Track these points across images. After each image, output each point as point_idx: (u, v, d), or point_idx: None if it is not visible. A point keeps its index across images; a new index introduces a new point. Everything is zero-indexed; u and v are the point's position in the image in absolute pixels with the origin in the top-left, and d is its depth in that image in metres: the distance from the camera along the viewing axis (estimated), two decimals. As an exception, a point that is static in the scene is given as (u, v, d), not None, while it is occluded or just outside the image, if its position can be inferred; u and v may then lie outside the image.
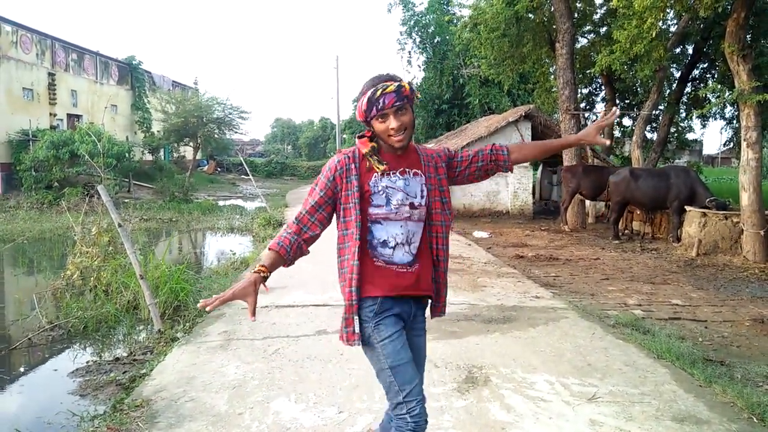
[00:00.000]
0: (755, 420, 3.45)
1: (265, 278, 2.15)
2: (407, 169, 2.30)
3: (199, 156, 29.47)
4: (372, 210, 2.25)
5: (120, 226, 5.84)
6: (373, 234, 2.25)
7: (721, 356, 4.79)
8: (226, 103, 25.51)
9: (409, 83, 2.23)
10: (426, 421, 2.19)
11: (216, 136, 26.10)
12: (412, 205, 2.27)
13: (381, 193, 2.24)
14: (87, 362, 4.97)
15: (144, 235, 12.32)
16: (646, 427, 3.34)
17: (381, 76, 2.23)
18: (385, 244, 2.25)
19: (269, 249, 2.20)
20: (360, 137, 2.31)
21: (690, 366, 4.31)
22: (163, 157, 32.31)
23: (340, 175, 2.25)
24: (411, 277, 2.28)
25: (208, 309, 2.04)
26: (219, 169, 40.59)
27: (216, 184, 32.96)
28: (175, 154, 33.77)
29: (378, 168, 2.22)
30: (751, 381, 4.18)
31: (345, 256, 2.28)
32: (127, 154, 21.93)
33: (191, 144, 26.03)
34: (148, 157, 30.08)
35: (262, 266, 2.15)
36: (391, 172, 2.27)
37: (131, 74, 33.13)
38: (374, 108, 2.17)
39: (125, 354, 5.14)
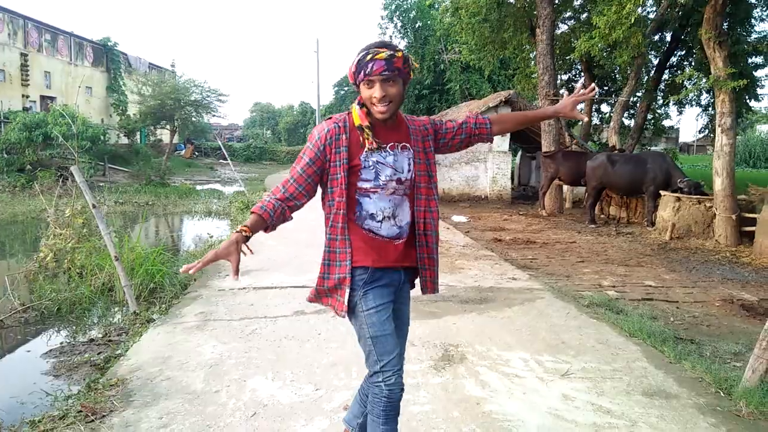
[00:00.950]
0: (722, 394, 3.55)
1: (247, 238, 2.12)
2: (396, 143, 2.26)
3: (176, 140, 29.01)
4: (360, 184, 2.22)
5: (94, 207, 5.75)
6: (362, 206, 2.23)
7: (692, 335, 4.90)
8: (203, 85, 25.14)
9: (406, 56, 2.16)
10: (401, 390, 2.22)
11: (193, 119, 25.73)
12: (399, 181, 2.25)
13: (371, 168, 2.21)
14: (61, 343, 4.91)
15: (119, 219, 12.16)
16: (617, 402, 3.42)
17: (378, 42, 2.18)
18: (373, 217, 2.23)
19: (252, 212, 2.17)
20: (361, 106, 2.23)
21: (661, 344, 4.41)
22: (139, 140, 31.83)
23: (330, 144, 2.20)
24: (398, 249, 2.28)
25: (191, 272, 2.03)
26: (196, 154, 40.07)
27: (194, 168, 32.58)
28: (152, 138, 33.24)
29: (371, 145, 2.18)
30: (719, 358, 4.29)
31: (334, 228, 2.24)
32: (102, 137, 21.54)
33: (168, 127, 25.62)
34: (124, 140, 29.59)
35: (245, 227, 2.12)
36: (381, 147, 2.22)
37: (106, 56, 32.49)
38: (362, 72, 2.13)
39: (100, 335, 5.08)
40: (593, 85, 2.56)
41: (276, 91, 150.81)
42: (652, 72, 17.40)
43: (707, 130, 20.15)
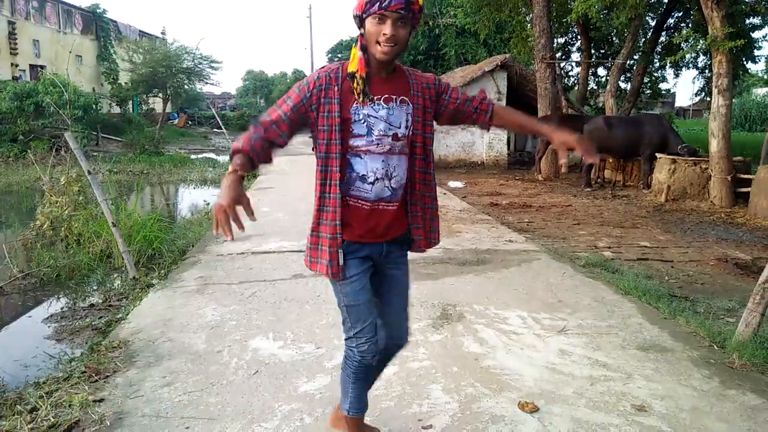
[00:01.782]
0: (716, 347, 3.62)
1: (242, 177, 2.01)
2: (393, 96, 2.11)
3: (169, 109, 28.68)
4: (352, 141, 2.09)
5: (90, 173, 5.73)
6: (352, 167, 2.11)
7: (686, 293, 4.97)
8: (195, 52, 24.70)
9: (423, 2, 2.04)
10: (373, 357, 2.26)
11: (186, 86, 25.38)
12: (395, 137, 2.12)
13: (362, 121, 2.07)
14: (61, 309, 4.95)
15: (114, 188, 12.08)
16: (613, 356, 3.48)
17: None
18: (364, 178, 2.12)
19: (243, 151, 2.06)
20: (363, 50, 2.05)
21: (656, 301, 4.47)
22: (131, 109, 31.49)
23: (318, 93, 2.07)
24: (386, 216, 2.18)
25: (229, 238, 1.90)
26: (190, 123, 39.73)
27: (187, 138, 32.29)
28: (144, 107, 32.84)
29: (358, 96, 2.05)
30: (713, 314, 4.35)
31: (324, 189, 2.13)
32: (94, 106, 21.30)
33: (160, 95, 25.26)
34: (116, 109, 29.25)
35: (238, 167, 2.01)
36: (375, 98, 2.08)
37: (96, 23, 31.88)
38: (377, 3, 1.95)
39: (100, 300, 5.12)
40: (595, 156, 2.37)
41: (269, 59, 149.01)
42: (649, 34, 17.24)
43: (703, 93, 20.07)
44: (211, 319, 4.15)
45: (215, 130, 35.59)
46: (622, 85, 18.64)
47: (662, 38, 17.28)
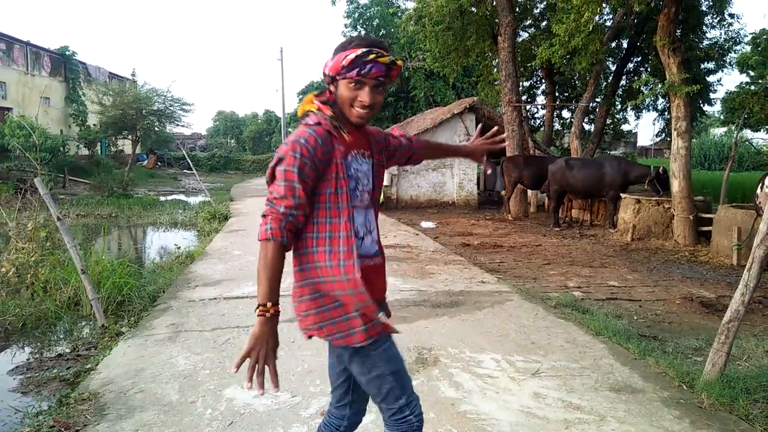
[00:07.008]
0: (685, 387, 3.70)
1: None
2: (364, 151, 2.02)
3: (138, 150, 28.48)
4: None
5: (59, 219, 5.66)
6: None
7: (654, 332, 5.08)
8: (166, 94, 24.72)
9: (400, 65, 1.96)
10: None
11: (156, 128, 25.29)
12: (369, 192, 2.03)
13: (352, 176, 1.95)
14: (27, 360, 4.81)
15: (81, 232, 11.91)
16: (586, 398, 3.53)
17: (373, 40, 1.90)
18: (356, 233, 1.95)
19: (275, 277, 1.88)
20: (320, 98, 1.96)
21: (625, 341, 4.56)
22: (100, 151, 31.18)
23: (321, 153, 1.86)
24: (380, 273, 2.09)
25: (260, 392, 1.83)
26: (159, 164, 39.50)
27: (157, 179, 32.04)
28: (113, 149, 32.60)
29: (346, 138, 1.92)
30: (681, 353, 4.46)
31: (334, 257, 1.89)
32: (61, 148, 21.07)
33: (130, 137, 25.11)
34: (84, 151, 28.95)
35: (274, 306, 1.87)
36: (357, 152, 1.98)
37: (65, 65, 31.77)
38: (356, 69, 1.84)
39: (68, 350, 4.99)
40: (495, 130, 2.49)
41: (240, 100, 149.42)
42: (610, 78, 17.94)
43: (664, 134, 20.81)
44: (184, 368, 4.09)
45: (185, 171, 35.44)
46: (586, 126, 19.25)
47: (623, 82, 17.99)
